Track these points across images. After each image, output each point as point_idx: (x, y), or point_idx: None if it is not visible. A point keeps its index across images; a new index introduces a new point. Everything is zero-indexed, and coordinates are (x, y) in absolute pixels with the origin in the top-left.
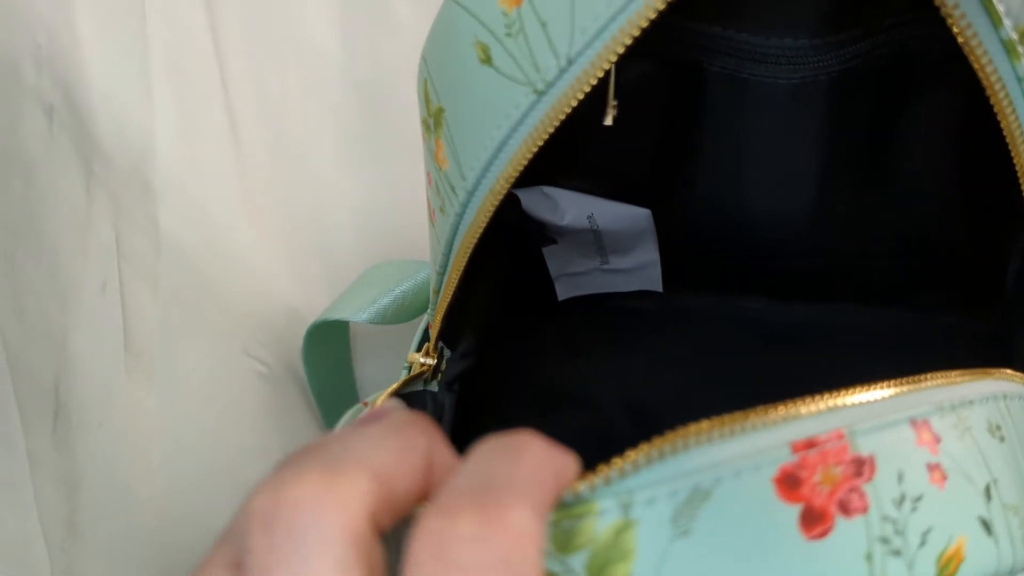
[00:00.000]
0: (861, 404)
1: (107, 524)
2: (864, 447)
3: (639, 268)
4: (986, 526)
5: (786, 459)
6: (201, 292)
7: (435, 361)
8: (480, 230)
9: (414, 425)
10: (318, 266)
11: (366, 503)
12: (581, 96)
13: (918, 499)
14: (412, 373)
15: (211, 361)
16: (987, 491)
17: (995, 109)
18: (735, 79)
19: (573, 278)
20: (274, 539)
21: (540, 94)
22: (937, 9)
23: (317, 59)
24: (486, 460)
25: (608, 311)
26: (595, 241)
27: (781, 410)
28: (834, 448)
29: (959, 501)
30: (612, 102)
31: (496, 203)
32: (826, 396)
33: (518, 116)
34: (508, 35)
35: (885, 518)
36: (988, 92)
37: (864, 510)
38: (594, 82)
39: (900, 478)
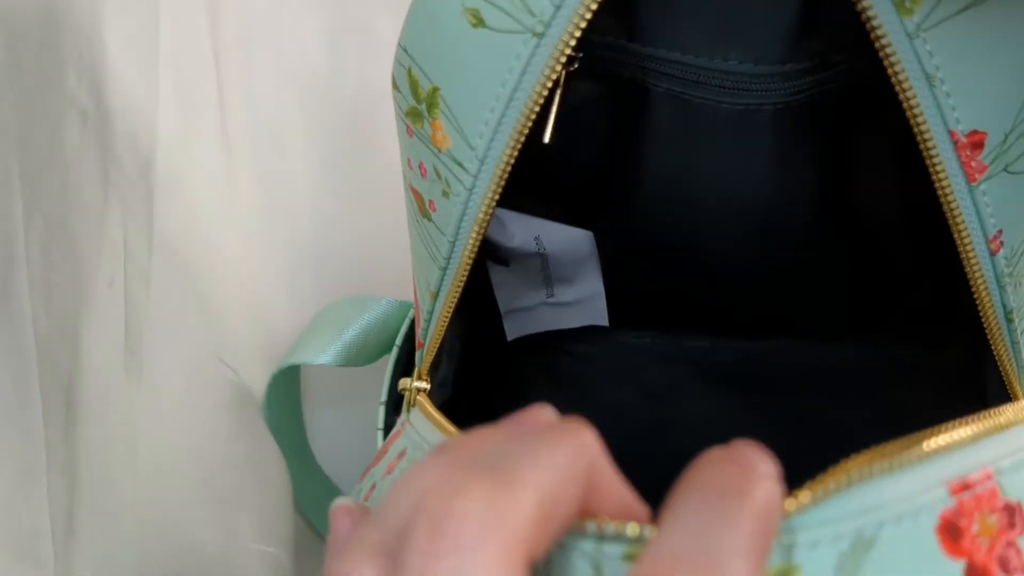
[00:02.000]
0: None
1: (99, 524)
2: (1010, 490)
3: (584, 300)
4: None
5: (945, 504)
6: (184, 297)
7: (429, 386)
8: (493, 204)
9: (581, 440)
10: (295, 278)
11: (529, 529)
12: (578, 35)
13: None
14: (408, 400)
15: (187, 365)
16: None
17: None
18: (680, 100)
19: (520, 315)
20: (438, 547)
21: (539, 36)
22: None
23: (304, 75)
24: (700, 512)
25: (555, 355)
26: (542, 268)
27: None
28: (985, 491)
29: None
30: (551, 119)
31: (507, 169)
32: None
33: (520, 66)
34: None
35: None
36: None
37: (1022, 569)
38: (589, 16)
39: None
